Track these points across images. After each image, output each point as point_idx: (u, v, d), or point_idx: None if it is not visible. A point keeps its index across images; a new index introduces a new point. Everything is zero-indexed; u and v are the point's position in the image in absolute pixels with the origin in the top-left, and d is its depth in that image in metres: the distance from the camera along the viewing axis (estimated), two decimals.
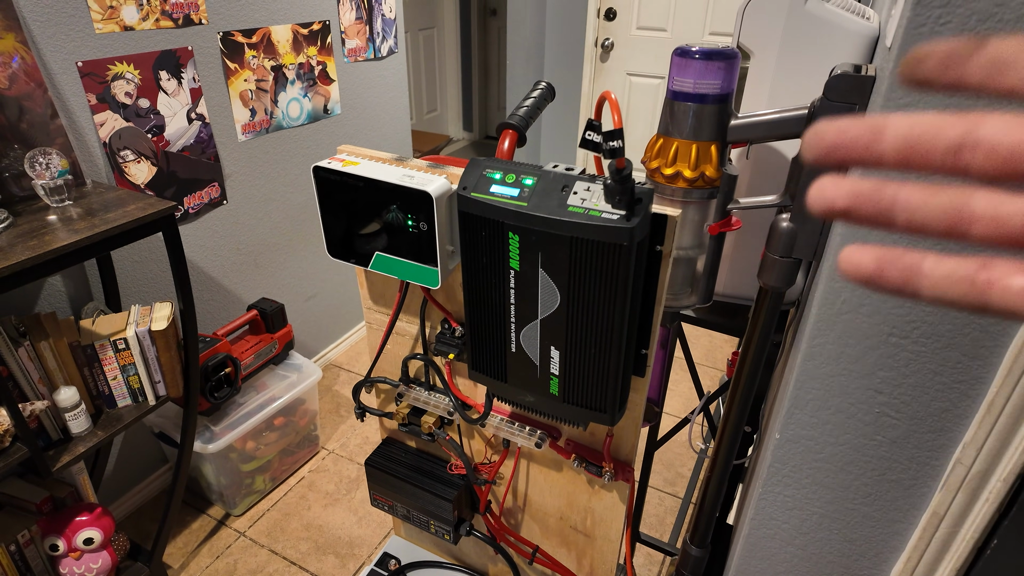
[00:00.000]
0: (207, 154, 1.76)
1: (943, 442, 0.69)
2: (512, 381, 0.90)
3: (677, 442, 2.12)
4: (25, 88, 1.27)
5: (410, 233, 0.88)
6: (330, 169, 0.89)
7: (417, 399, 1.11)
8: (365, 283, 1.10)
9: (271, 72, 1.88)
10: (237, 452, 1.74)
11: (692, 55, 0.88)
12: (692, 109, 0.91)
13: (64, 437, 1.30)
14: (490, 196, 0.77)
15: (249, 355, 1.77)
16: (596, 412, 0.85)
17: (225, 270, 1.92)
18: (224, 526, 1.81)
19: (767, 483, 0.83)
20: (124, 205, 1.28)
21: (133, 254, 1.64)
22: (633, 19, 3.06)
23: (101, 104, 1.46)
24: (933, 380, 0.66)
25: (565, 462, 1.07)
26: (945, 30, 0.51)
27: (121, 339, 1.33)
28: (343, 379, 2.42)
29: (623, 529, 1.09)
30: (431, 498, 1.16)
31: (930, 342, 0.64)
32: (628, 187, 0.69)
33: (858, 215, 0.20)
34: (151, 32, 1.53)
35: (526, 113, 0.92)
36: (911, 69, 0.20)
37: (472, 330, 0.89)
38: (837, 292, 0.66)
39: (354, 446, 2.11)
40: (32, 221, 1.21)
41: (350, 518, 1.84)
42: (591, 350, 0.80)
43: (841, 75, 0.75)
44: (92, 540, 1.40)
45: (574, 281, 0.76)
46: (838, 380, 0.71)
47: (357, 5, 2.12)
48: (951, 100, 0.53)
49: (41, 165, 1.24)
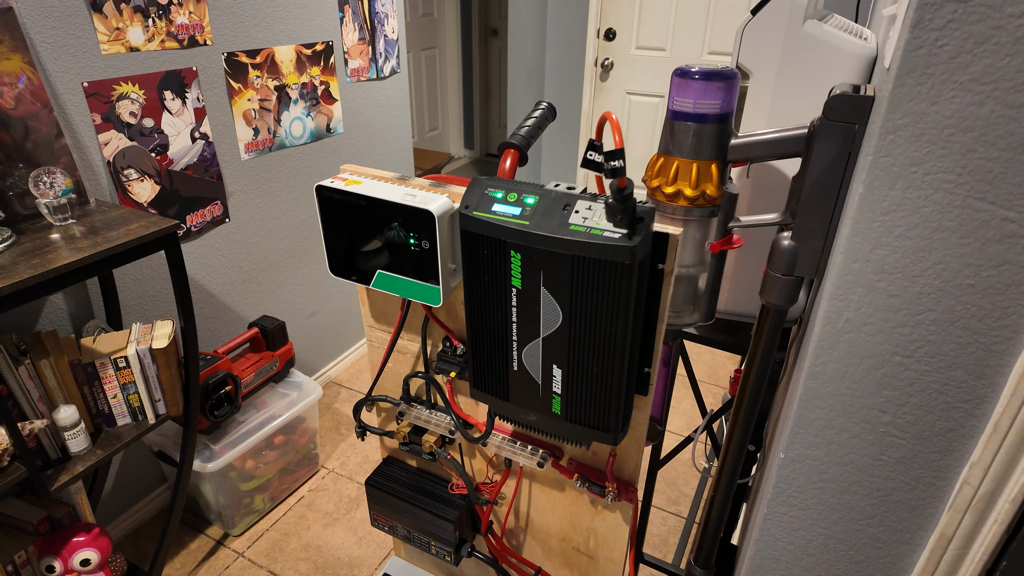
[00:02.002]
0: (210, 173, 1.77)
1: (949, 462, 0.68)
2: (514, 400, 0.89)
3: (680, 461, 2.10)
4: (31, 108, 1.28)
5: (412, 251, 0.88)
6: (333, 188, 0.89)
7: (418, 418, 1.10)
8: (367, 301, 1.10)
9: (274, 92, 1.90)
10: (236, 471, 1.73)
11: (692, 75, 0.88)
12: (692, 129, 0.91)
13: (63, 456, 1.30)
14: (492, 215, 0.78)
15: (249, 373, 1.76)
16: (599, 431, 0.85)
17: (226, 288, 1.92)
18: (222, 546, 1.79)
19: (772, 503, 0.82)
20: (127, 223, 1.29)
21: (134, 272, 1.64)
22: (632, 39, 3.10)
23: (106, 124, 1.48)
24: (938, 399, 0.66)
25: (568, 482, 1.06)
26: (943, 52, 0.52)
27: (122, 357, 1.33)
28: (343, 397, 2.41)
29: (627, 550, 1.08)
30: (432, 518, 1.15)
31: (934, 361, 0.64)
32: (630, 206, 0.69)
33: None
34: (156, 53, 1.55)
35: (528, 132, 0.93)
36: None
37: (474, 348, 0.89)
38: (840, 311, 0.66)
39: (354, 465, 2.09)
40: (35, 239, 1.21)
41: (350, 538, 1.82)
42: (594, 368, 0.80)
43: (840, 95, 0.76)
44: (89, 561, 1.38)
45: (576, 299, 0.76)
46: (842, 399, 0.71)
47: (360, 26, 2.15)
48: (950, 112, 0.54)
49: (45, 184, 1.24)
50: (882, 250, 0.61)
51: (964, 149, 0.54)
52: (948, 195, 0.56)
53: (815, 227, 0.84)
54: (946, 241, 0.58)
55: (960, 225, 0.57)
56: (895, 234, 0.60)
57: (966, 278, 0.58)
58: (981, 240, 0.56)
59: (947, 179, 0.56)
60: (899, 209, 0.59)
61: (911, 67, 0.53)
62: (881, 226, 0.60)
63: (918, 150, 0.56)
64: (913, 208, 0.58)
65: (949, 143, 0.54)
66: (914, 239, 0.59)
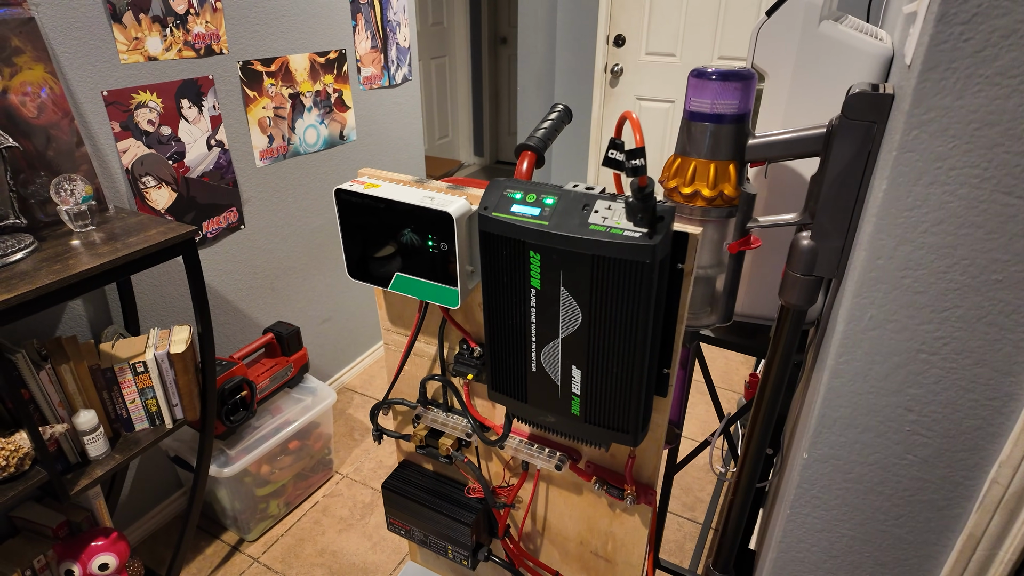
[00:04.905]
0: (226, 180, 1.79)
1: (977, 460, 0.67)
2: (532, 401, 0.89)
3: (695, 466, 2.09)
4: (53, 117, 1.31)
5: (430, 253, 0.88)
6: (352, 191, 0.90)
7: (435, 421, 1.10)
8: (383, 304, 1.11)
9: (289, 100, 1.92)
10: (252, 476, 1.73)
11: (709, 76, 0.89)
12: (710, 129, 0.91)
13: (82, 461, 1.31)
14: (511, 216, 0.78)
15: (265, 378, 1.77)
16: (619, 433, 0.84)
17: (241, 294, 1.94)
18: (238, 552, 1.79)
19: (795, 504, 0.81)
20: (145, 230, 1.30)
21: (152, 278, 1.65)
22: (642, 45, 3.10)
23: (124, 132, 1.50)
24: (964, 397, 0.65)
25: (586, 485, 1.06)
26: (968, 46, 0.51)
27: (140, 362, 1.34)
28: (357, 402, 2.42)
29: (645, 554, 1.07)
30: (449, 522, 1.15)
31: (960, 358, 0.63)
32: (650, 205, 0.69)
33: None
34: (174, 62, 1.57)
35: (544, 135, 0.93)
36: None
37: (492, 350, 0.89)
38: (864, 308, 0.66)
39: (368, 470, 2.09)
40: (56, 246, 1.23)
41: (365, 543, 1.82)
42: (614, 369, 0.80)
43: (860, 93, 0.76)
44: (107, 566, 1.39)
45: (596, 299, 0.76)
46: (866, 398, 0.70)
47: (372, 34, 2.17)
48: (975, 106, 0.54)
49: (66, 191, 1.26)
50: (907, 246, 0.61)
51: (990, 143, 0.53)
52: (974, 190, 0.56)
53: (835, 226, 0.84)
54: (972, 236, 0.57)
55: (987, 220, 0.56)
56: (920, 230, 0.59)
57: (993, 273, 0.58)
58: (1008, 235, 0.56)
59: (973, 174, 0.55)
60: (924, 205, 0.58)
61: (935, 62, 0.53)
62: (906, 222, 0.60)
63: (943, 145, 0.55)
64: (938, 204, 0.58)
65: (975, 138, 0.54)
66: (939, 235, 0.59)
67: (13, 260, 1.15)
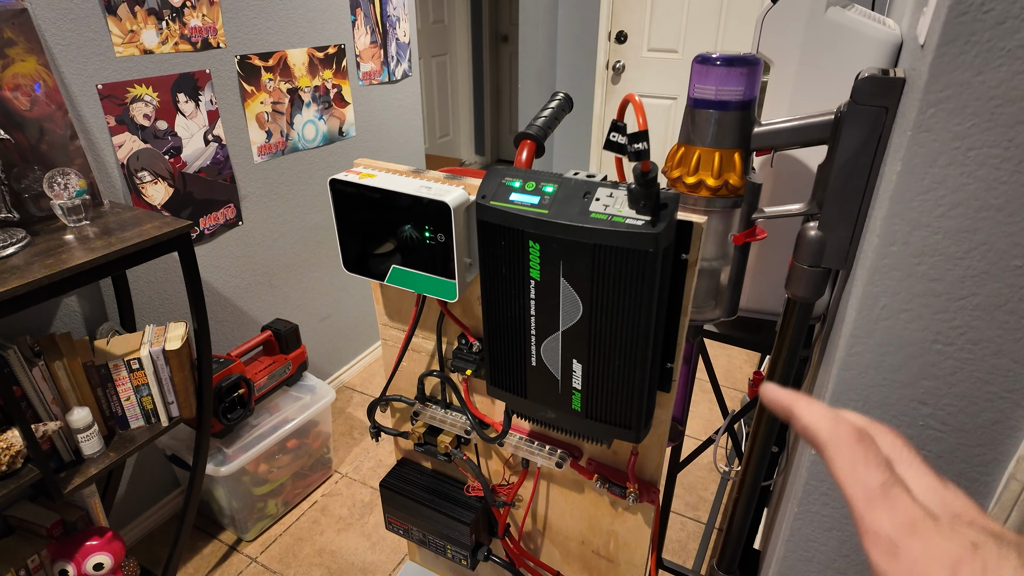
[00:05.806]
0: (223, 175, 1.77)
1: (994, 456, 0.65)
2: (532, 397, 0.87)
3: (698, 465, 2.06)
4: (46, 110, 1.29)
5: (427, 245, 0.86)
6: (347, 181, 0.88)
7: (433, 418, 1.08)
8: (381, 298, 1.09)
9: (287, 95, 1.90)
10: (250, 475, 1.71)
11: (713, 61, 0.86)
12: (714, 116, 0.89)
13: (76, 459, 1.29)
14: (510, 204, 0.76)
15: (263, 376, 1.75)
16: (621, 428, 0.82)
17: (239, 291, 1.92)
18: (236, 551, 1.77)
19: (803, 502, 0.79)
20: (140, 224, 1.28)
21: (148, 274, 1.63)
22: (644, 41, 3.08)
23: (120, 126, 1.48)
24: (982, 390, 0.62)
25: (587, 483, 1.03)
26: (988, 18, 0.49)
27: (135, 359, 1.32)
28: (356, 401, 2.39)
29: (648, 554, 1.04)
30: (448, 521, 1.13)
31: (978, 348, 0.61)
32: (653, 191, 0.67)
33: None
34: (170, 56, 1.55)
35: (544, 124, 0.91)
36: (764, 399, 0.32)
37: (491, 344, 0.86)
38: (876, 297, 0.63)
39: (367, 469, 2.07)
40: (50, 240, 1.21)
41: (363, 543, 1.80)
42: (615, 362, 0.77)
43: (870, 77, 0.73)
44: (102, 566, 1.37)
45: (597, 290, 0.74)
46: (878, 391, 0.68)
47: (372, 29, 2.15)
48: (996, 81, 0.51)
49: (60, 185, 1.24)
50: (922, 231, 0.58)
51: (1011, 121, 0.51)
52: (994, 171, 0.53)
53: (843, 216, 0.81)
54: (991, 220, 0.55)
55: (1007, 202, 0.54)
56: (936, 214, 0.57)
57: (1013, 259, 0.55)
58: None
59: (992, 153, 0.53)
60: (940, 187, 0.56)
61: (954, 35, 0.50)
62: (920, 206, 0.57)
63: (961, 124, 0.53)
64: (956, 186, 0.55)
65: (995, 115, 0.51)
66: (956, 218, 0.56)
67: (5, 255, 1.13)
